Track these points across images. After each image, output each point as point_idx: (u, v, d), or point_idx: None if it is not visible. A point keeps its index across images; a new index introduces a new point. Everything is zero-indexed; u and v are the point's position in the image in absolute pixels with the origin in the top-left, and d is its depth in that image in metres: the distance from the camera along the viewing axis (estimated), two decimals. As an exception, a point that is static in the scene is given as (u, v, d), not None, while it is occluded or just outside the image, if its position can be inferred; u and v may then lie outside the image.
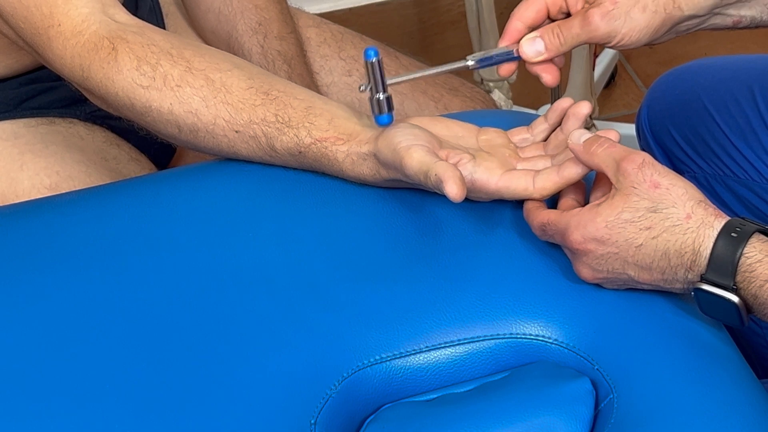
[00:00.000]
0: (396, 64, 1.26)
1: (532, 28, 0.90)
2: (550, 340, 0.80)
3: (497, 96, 1.84)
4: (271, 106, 0.89)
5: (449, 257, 0.84)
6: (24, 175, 1.10)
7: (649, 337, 0.79)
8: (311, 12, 1.32)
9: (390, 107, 0.84)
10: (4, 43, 1.07)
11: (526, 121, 0.92)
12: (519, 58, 0.90)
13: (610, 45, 0.90)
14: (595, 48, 1.80)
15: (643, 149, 1.27)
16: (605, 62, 2.01)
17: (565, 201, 0.84)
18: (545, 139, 0.90)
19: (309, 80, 1.19)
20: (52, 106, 1.15)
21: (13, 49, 1.09)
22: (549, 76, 0.90)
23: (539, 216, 0.82)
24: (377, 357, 0.80)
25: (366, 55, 0.83)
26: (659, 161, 1.23)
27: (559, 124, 0.89)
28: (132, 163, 1.16)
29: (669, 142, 1.22)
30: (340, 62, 1.25)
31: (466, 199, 0.80)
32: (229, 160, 0.94)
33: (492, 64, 0.90)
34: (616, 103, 2.06)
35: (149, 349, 0.82)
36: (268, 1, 1.19)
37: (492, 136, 0.89)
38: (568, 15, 0.91)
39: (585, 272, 0.81)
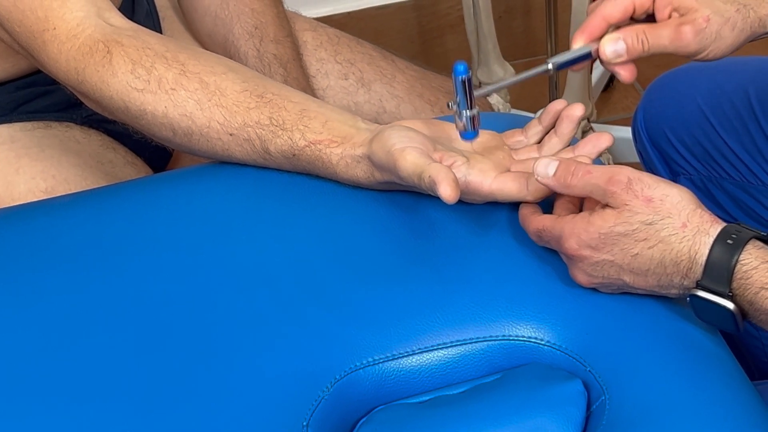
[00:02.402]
0: (392, 67, 1.26)
1: (614, 27, 0.88)
2: (543, 342, 0.80)
3: (495, 100, 1.84)
4: (265, 109, 0.89)
5: (443, 259, 0.84)
6: (20, 179, 1.10)
7: (641, 339, 0.79)
8: (310, 16, 1.32)
9: (477, 124, 0.82)
10: (0, 48, 1.07)
11: (521, 123, 0.92)
12: (592, 58, 0.88)
13: (691, 57, 0.88)
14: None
15: (639, 152, 1.28)
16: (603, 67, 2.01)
17: (561, 205, 0.84)
18: (539, 142, 0.90)
19: (305, 84, 1.19)
20: (48, 110, 1.15)
21: (9, 54, 1.10)
22: (626, 73, 0.88)
23: (534, 222, 0.82)
24: (370, 359, 0.80)
25: (455, 72, 0.80)
26: (656, 164, 1.24)
27: (553, 126, 0.89)
28: (128, 167, 1.16)
29: (665, 144, 1.22)
30: (336, 66, 1.25)
31: (460, 201, 0.81)
32: (224, 163, 0.94)
33: (569, 66, 0.88)
34: (614, 106, 2.06)
35: (142, 351, 0.82)
36: (265, 5, 1.19)
37: (486, 138, 0.89)
38: (649, 17, 0.89)
39: (581, 277, 0.81)
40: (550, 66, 0.87)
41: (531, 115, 1.84)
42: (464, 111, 0.82)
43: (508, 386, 0.78)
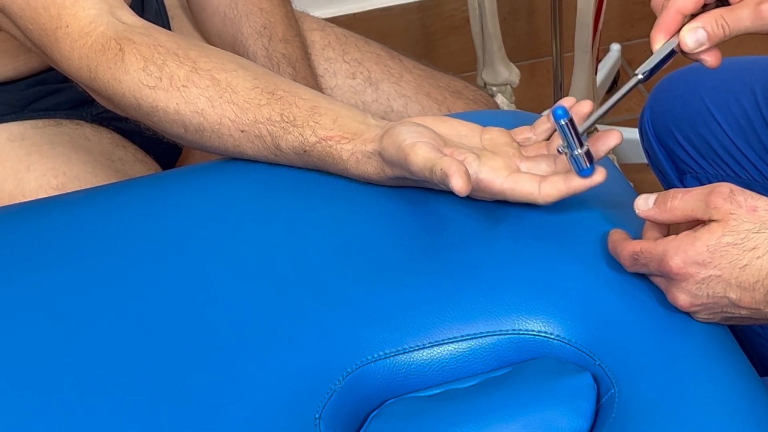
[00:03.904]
0: (400, 66, 1.27)
1: (689, 18, 0.86)
2: (552, 336, 0.81)
3: (500, 100, 1.84)
4: (276, 105, 0.90)
5: (453, 254, 0.84)
6: (31, 176, 1.11)
7: (650, 333, 0.80)
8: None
9: (592, 158, 0.81)
10: (12, 46, 1.08)
11: (529, 121, 0.92)
12: (675, 54, 0.86)
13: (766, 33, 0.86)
14: (598, 53, 1.81)
15: (646, 150, 1.28)
16: (608, 67, 2.02)
17: (651, 234, 0.82)
18: (548, 139, 0.90)
19: (313, 83, 1.20)
20: (59, 107, 1.16)
21: (20, 52, 1.10)
22: (711, 58, 0.86)
23: (629, 246, 0.80)
24: (381, 353, 0.81)
25: (555, 117, 0.79)
26: (663, 162, 1.25)
27: (562, 123, 0.89)
28: (138, 164, 1.17)
29: (671, 143, 1.22)
30: (344, 65, 1.25)
31: (469, 197, 0.81)
32: (235, 160, 0.95)
33: (658, 70, 0.86)
34: (619, 107, 2.04)
35: (156, 345, 0.82)
36: (273, 5, 1.20)
37: (495, 135, 0.89)
38: (722, 1, 0.87)
39: (682, 299, 0.78)
40: (640, 77, 0.86)
41: (536, 115, 1.84)
42: (575, 151, 0.81)
43: (518, 380, 0.79)
